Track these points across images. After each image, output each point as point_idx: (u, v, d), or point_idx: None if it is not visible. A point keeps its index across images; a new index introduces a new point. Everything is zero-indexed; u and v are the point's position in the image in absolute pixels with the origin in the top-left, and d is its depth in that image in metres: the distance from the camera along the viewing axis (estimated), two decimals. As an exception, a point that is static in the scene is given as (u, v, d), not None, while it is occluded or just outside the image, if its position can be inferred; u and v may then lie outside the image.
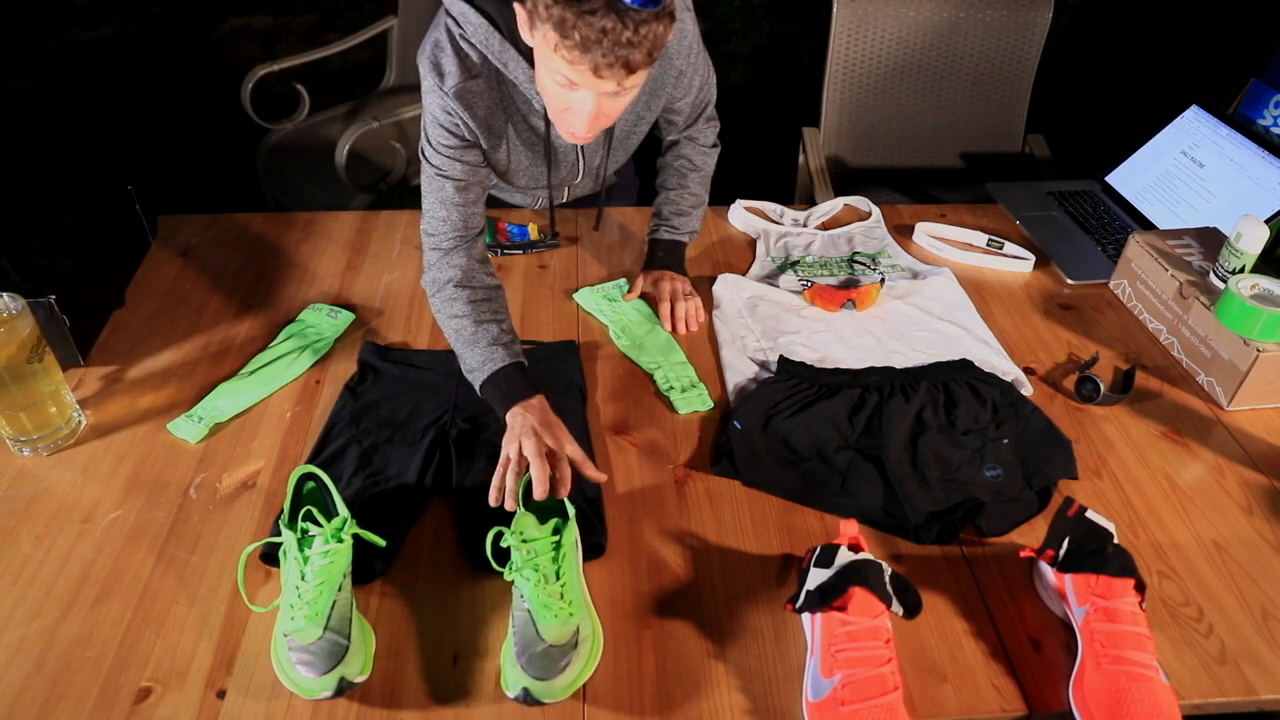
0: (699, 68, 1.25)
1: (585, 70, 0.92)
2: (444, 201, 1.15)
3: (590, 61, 0.91)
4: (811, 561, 0.87)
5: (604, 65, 0.91)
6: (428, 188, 1.16)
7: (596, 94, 0.97)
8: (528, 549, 0.85)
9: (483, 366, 1.08)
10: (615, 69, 0.92)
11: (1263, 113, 1.65)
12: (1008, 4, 1.96)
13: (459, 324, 1.11)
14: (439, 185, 1.15)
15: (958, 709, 0.82)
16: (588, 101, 0.98)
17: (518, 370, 1.08)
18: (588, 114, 1.00)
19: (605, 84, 0.94)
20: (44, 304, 1.10)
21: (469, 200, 1.16)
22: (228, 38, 2.76)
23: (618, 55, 0.91)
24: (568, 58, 0.92)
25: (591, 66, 0.92)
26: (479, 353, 1.09)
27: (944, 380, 1.14)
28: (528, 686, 0.78)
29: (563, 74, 0.95)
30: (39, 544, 0.94)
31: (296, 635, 0.80)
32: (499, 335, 1.10)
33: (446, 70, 1.09)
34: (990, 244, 1.51)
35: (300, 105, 2.28)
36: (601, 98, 0.98)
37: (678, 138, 1.39)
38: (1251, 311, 1.14)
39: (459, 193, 1.15)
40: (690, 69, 1.22)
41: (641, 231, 1.50)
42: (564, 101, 1.00)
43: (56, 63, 2.75)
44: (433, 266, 1.16)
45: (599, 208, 1.50)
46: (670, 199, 1.39)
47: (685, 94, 1.26)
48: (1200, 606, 0.92)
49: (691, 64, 1.22)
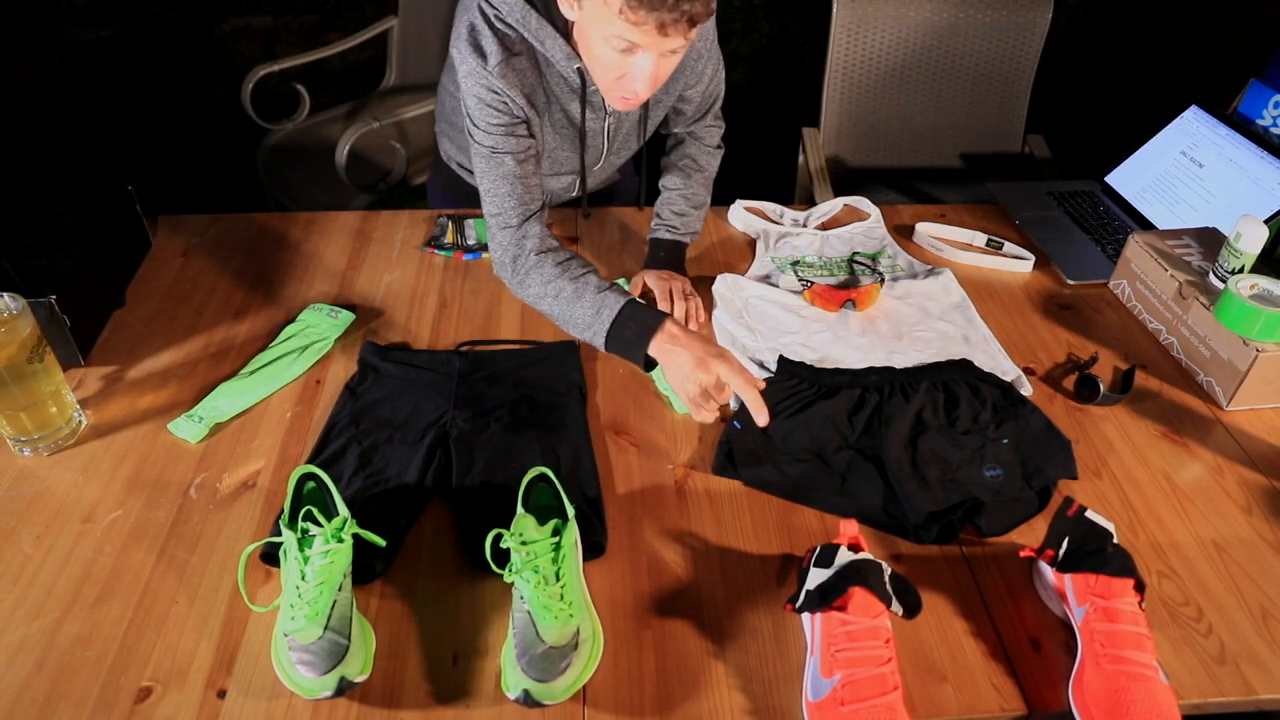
0: (713, 56, 1.26)
1: (650, 29, 0.93)
2: (504, 176, 1.13)
3: (656, 20, 0.92)
4: (811, 561, 0.87)
5: (669, 22, 0.92)
6: (484, 168, 1.14)
7: (657, 54, 0.98)
8: (527, 551, 0.85)
9: (599, 315, 1.06)
10: (680, 24, 0.93)
11: (1262, 113, 1.65)
12: (1008, 4, 1.96)
13: (555, 287, 1.10)
14: (496, 163, 1.13)
15: (958, 709, 0.82)
16: (648, 64, 0.99)
17: (636, 305, 1.06)
18: (649, 75, 1.00)
19: (670, 41, 0.95)
20: (44, 304, 1.10)
21: (528, 173, 1.15)
22: (228, 38, 2.76)
23: (682, 10, 0.92)
24: (632, 19, 0.92)
25: (658, 24, 0.92)
26: (587, 304, 1.07)
27: (944, 380, 1.14)
28: (528, 688, 0.78)
29: (624, 38, 0.95)
30: (39, 544, 0.94)
31: (297, 635, 0.80)
32: (599, 283, 1.09)
33: (488, 50, 1.08)
34: (990, 244, 1.51)
35: (300, 105, 2.29)
36: (660, 58, 0.99)
37: (683, 134, 1.39)
38: (1251, 311, 1.14)
39: (519, 165, 1.14)
40: (707, 54, 1.24)
41: (642, 231, 1.50)
42: (620, 67, 1.01)
43: (56, 63, 2.75)
44: (507, 246, 1.14)
45: (583, 196, 1.48)
46: (673, 198, 1.39)
47: (698, 81, 1.27)
48: (1200, 606, 0.92)
49: (708, 49, 1.23)
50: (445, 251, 1.43)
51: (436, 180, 1.59)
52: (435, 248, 1.43)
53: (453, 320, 1.29)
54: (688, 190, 1.39)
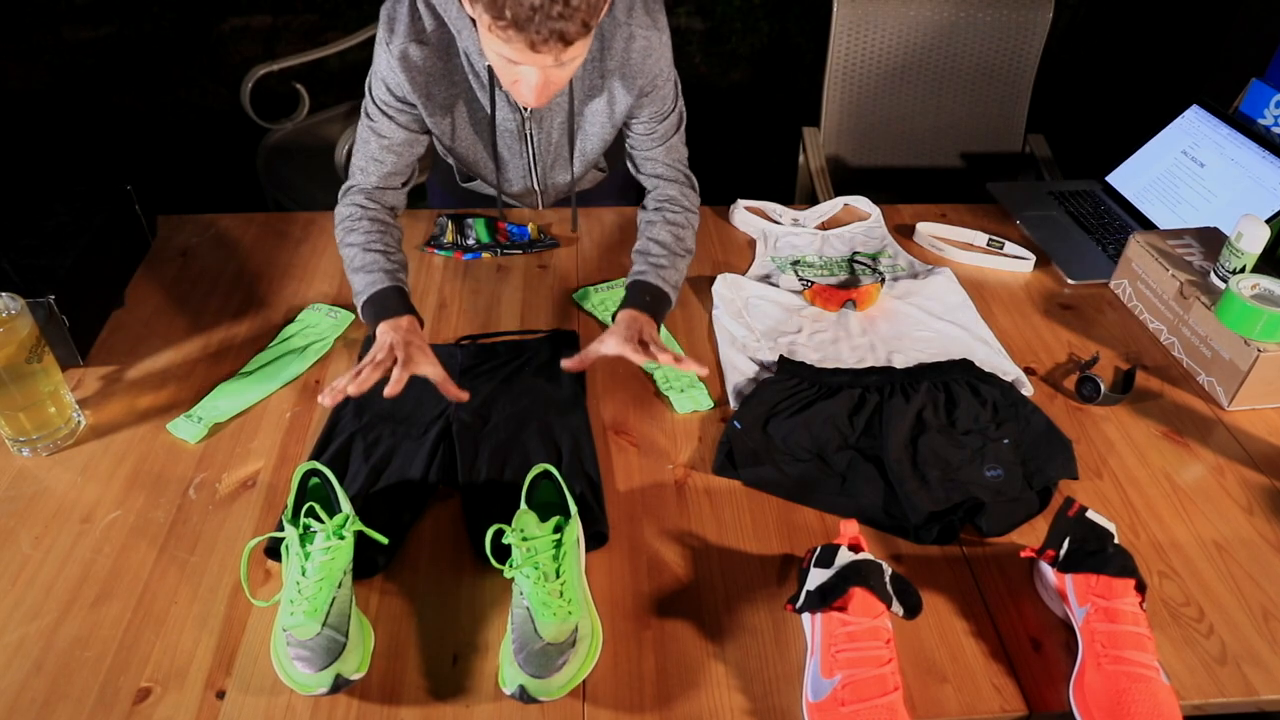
0: (663, 75, 1.23)
1: (522, 47, 0.93)
2: (369, 155, 1.22)
3: (525, 39, 0.92)
4: (811, 561, 0.87)
5: (539, 41, 0.92)
6: (359, 135, 1.23)
7: (539, 68, 0.99)
8: (528, 547, 0.84)
9: (366, 290, 1.13)
10: (551, 43, 0.93)
11: (1263, 113, 1.65)
12: (1008, 4, 1.96)
13: (350, 252, 1.18)
14: (367, 137, 1.22)
15: (958, 709, 0.82)
16: (532, 76, 1.00)
17: (395, 292, 1.13)
18: (534, 87, 1.01)
19: (543, 58, 0.95)
20: (43, 304, 1.10)
21: (392, 159, 1.23)
22: (228, 38, 2.76)
23: (552, 29, 0.91)
24: (502, 36, 0.93)
25: (528, 43, 0.93)
26: (362, 278, 1.14)
27: (944, 380, 1.14)
28: (524, 684, 0.77)
29: (500, 53, 0.96)
30: (38, 544, 0.94)
31: (295, 631, 0.80)
32: (383, 263, 1.15)
33: (397, 27, 1.12)
34: (990, 244, 1.51)
35: (300, 105, 2.28)
36: (544, 70, 1.00)
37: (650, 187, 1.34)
38: (1252, 311, 1.14)
39: (384, 151, 1.22)
40: (652, 71, 1.20)
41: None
42: (511, 74, 1.02)
43: (56, 62, 2.75)
44: (340, 202, 1.23)
45: (573, 209, 1.49)
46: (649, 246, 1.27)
47: (644, 97, 1.23)
48: (1201, 606, 0.92)
49: (655, 67, 1.20)
50: (445, 251, 1.43)
51: (436, 179, 1.59)
52: (435, 248, 1.43)
53: (452, 320, 1.29)
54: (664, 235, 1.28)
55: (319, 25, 2.77)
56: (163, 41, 2.74)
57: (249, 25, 2.75)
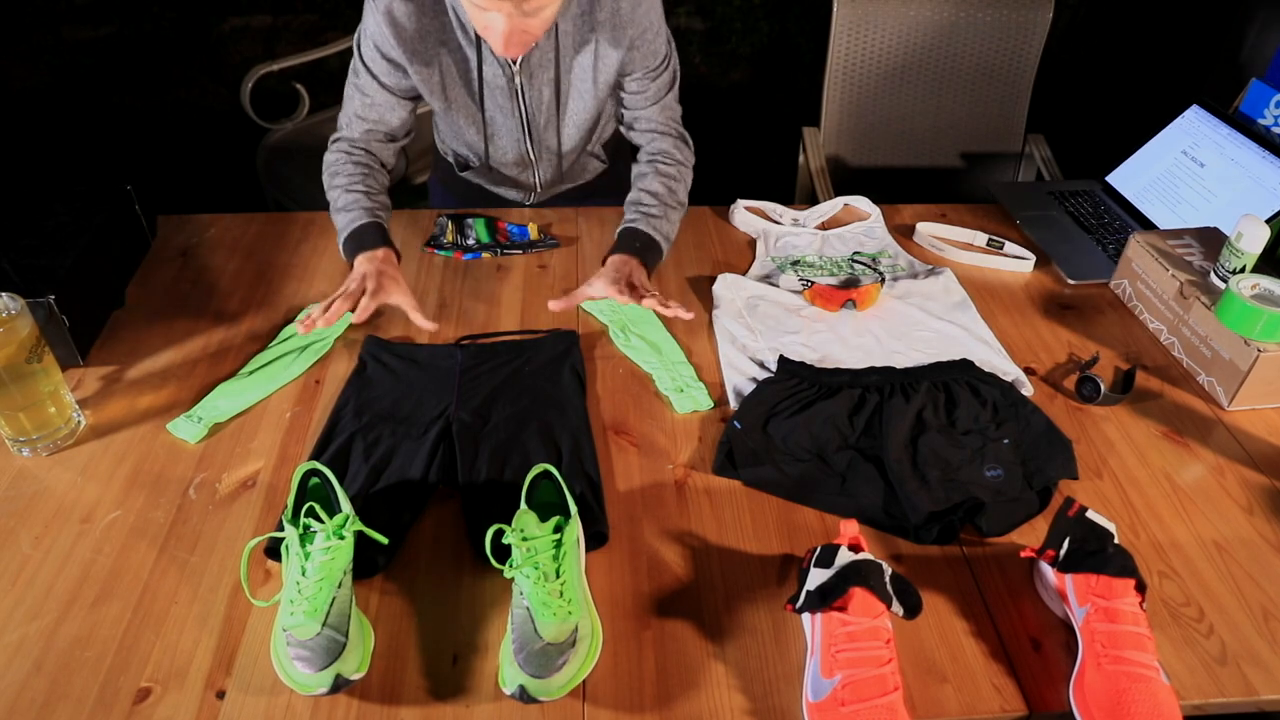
0: (654, 29, 1.23)
1: None
2: (352, 112, 1.29)
3: None
4: (811, 561, 0.87)
5: None
6: (345, 92, 1.29)
7: (505, 15, 1.00)
8: (528, 547, 0.84)
9: (346, 228, 1.18)
10: None
11: (1263, 113, 1.65)
12: (1008, 4, 1.96)
13: (333, 194, 1.23)
14: (351, 94, 1.28)
15: (958, 709, 0.82)
16: (499, 23, 1.02)
17: (373, 227, 1.18)
18: (501, 34, 1.03)
19: (505, 4, 0.98)
20: (43, 304, 1.10)
21: (374, 117, 1.28)
22: (228, 38, 2.76)
23: None
24: None
25: None
26: (343, 216, 1.19)
27: (944, 380, 1.14)
28: (524, 684, 0.78)
29: None
30: (38, 544, 0.94)
31: (295, 631, 0.80)
32: (364, 202, 1.20)
33: None
34: (990, 244, 1.51)
35: (300, 105, 2.29)
36: (511, 18, 1.01)
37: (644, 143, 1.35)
38: (1252, 311, 1.14)
39: (366, 108, 1.27)
40: (642, 23, 1.21)
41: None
42: (481, 20, 1.04)
43: (56, 62, 2.75)
44: (328, 149, 1.29)
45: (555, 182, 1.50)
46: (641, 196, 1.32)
47: (634, 50, 1.23)
48: (1201, 606, 0.92)
49: (645, 19, 1.21)
50: (445, 251, 1.43)
51: (437, 177, 1.59)
52: (435, 248, 1.43)
53: (452, 320, 1.29)
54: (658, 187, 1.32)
55: (319, 25, 2.77)
56: (163, 41, 2.74)
57: (249, 25, 2.75)
